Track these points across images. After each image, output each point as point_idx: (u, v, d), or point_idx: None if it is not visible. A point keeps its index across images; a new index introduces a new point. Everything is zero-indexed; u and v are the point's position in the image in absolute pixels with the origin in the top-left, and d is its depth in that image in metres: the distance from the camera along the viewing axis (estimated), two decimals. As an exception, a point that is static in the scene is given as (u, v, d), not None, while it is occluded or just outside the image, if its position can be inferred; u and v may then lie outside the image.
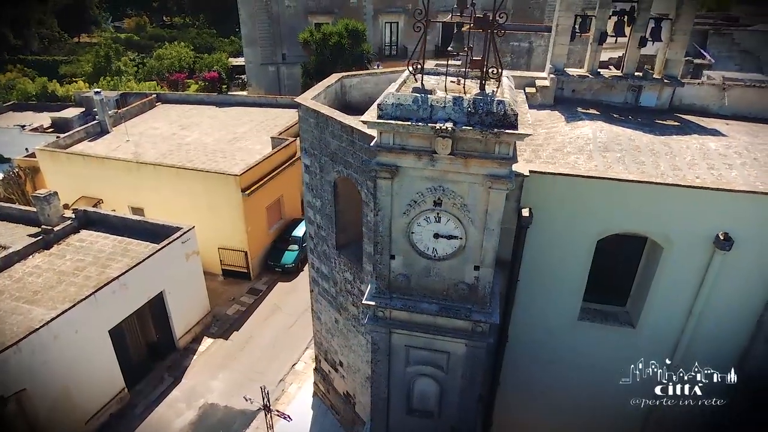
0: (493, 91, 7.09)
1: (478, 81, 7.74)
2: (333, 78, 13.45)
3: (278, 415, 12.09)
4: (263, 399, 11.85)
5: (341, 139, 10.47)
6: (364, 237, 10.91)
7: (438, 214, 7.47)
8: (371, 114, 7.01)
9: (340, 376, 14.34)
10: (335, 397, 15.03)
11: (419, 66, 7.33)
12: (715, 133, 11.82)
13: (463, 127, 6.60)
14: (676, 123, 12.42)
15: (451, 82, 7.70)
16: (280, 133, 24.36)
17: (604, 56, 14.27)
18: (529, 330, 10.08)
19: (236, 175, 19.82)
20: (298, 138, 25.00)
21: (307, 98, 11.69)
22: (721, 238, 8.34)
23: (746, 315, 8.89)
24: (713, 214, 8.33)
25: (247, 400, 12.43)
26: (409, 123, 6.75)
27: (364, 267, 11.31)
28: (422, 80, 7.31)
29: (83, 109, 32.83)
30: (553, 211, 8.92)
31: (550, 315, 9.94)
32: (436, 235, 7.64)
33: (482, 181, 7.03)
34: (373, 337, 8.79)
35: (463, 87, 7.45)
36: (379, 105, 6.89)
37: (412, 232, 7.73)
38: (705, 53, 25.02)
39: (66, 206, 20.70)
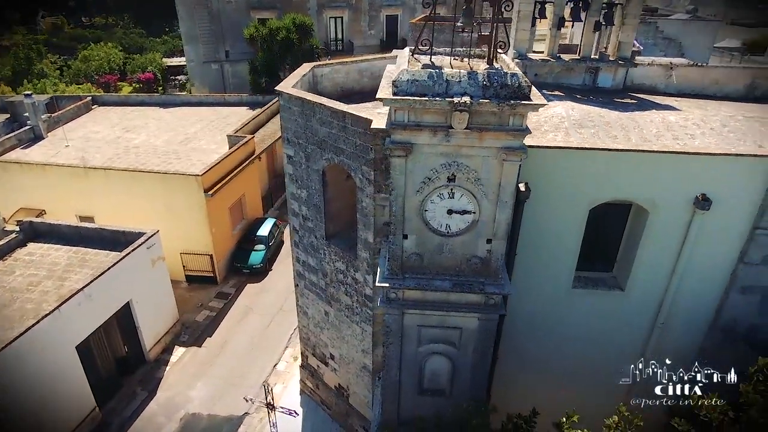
0: (501, 65, 7.28)
1: (479, 58, 7.95)
2: (306, 68, 13.22)
3: (283, 412, 11.74)
4: (266, 397, 11.47)
5: (331, 125, 10.32)
6: (358, 224, 10.82)
7: (452, 189, 7.57)
8: (385, 91, 6.96)
9: (331, 370, 14.15)
10: (326, 392, 14.82)
11: (427, 44, 7.40)
12: (670, 108, 12.73)
13: (480, 101, 6.72)
14: (633, 101, 13.28)
15: (455, 59, 7.82)
16: (237, 131, 23.55)
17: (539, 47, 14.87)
18: (524, 302, 10.42)
19: (197, 175, 18.96)
20: (255, 135, 24.41)
21: (287, 87, 11.42)
22: (700, 198, 9.06)
23: (723, 269, 9.70)
24: (693, 177, 9.01)
25: (247, 400, 11.98)
26: (426, 98, 6.79)
27: (358, 254, 11.22)
28: (431, 57, 7.37)
29: (8, 115, 30.03)
30: (547, 184, 9.28)
31: (545, 285, 10.34)
32: (450, 211, 7.74)
33: (496, 154, 7.20)
34: (385, 319, 8.77)
35: (468, 63, 7.59)
36: (393, 82, 6.86)
37: (426, 210, 7.78)
38: (634, 41, 26.86)
39: (3, 220, 18.96)
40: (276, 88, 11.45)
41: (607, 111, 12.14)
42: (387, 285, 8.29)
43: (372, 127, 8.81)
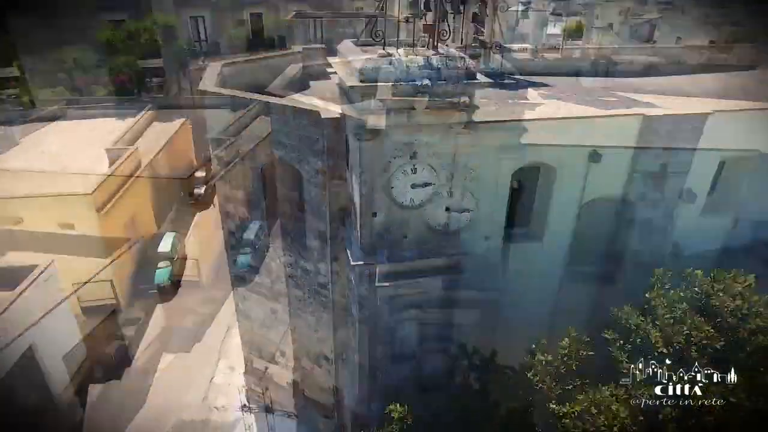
0: (444, 51, 8.25)
1: (422, 47, 8.81)
2: (216, 67, 12.92)
3: (282, 414, 11.49)
4: (264, 401, 11.15)
5: (269, 120, 10.39)
6: (306, 215, 11.08)
7: (414, 165, 8.40)
8: (353, 80, 7.49)
9: (281, 368, 14.14)
10: (277, 391, 14.72)
11: (380, 36, 8.06)
12: (543, 85, 15.06)
13: (438, 82, 7.62)
14: (513, 81, 15.36)
15: (402, 49, 8.59)
16: (116, 143, 21.50)
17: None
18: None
19: (88, 194, 17.09)
20: (137, 146, 22.41)
21: (210, 85, 11.16)
22: (593, 153, 11.10)
23: (612, 209, 11.97)
24: (584, 137, 10.98)
25: (245, 406, 11.56)
26: (391, 84, 7.48)
27: (308, 245, 11.48)
28: (385, 47, 8.04)
29: None
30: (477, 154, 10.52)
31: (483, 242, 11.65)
32: (413, 185, 8.57)
33: (451, 130, 8.18)
34: (359, 295, 9.31)
35: (414, 52, 8.42)
36: (360, 70, 7.44)
37: (392, 187, 8.51)
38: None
39: None
40: (199, 87, 11.14)
41: (497, 90, 13.96)
42: (361, 263, 8.87)
43: (324, 116, 9.21)
